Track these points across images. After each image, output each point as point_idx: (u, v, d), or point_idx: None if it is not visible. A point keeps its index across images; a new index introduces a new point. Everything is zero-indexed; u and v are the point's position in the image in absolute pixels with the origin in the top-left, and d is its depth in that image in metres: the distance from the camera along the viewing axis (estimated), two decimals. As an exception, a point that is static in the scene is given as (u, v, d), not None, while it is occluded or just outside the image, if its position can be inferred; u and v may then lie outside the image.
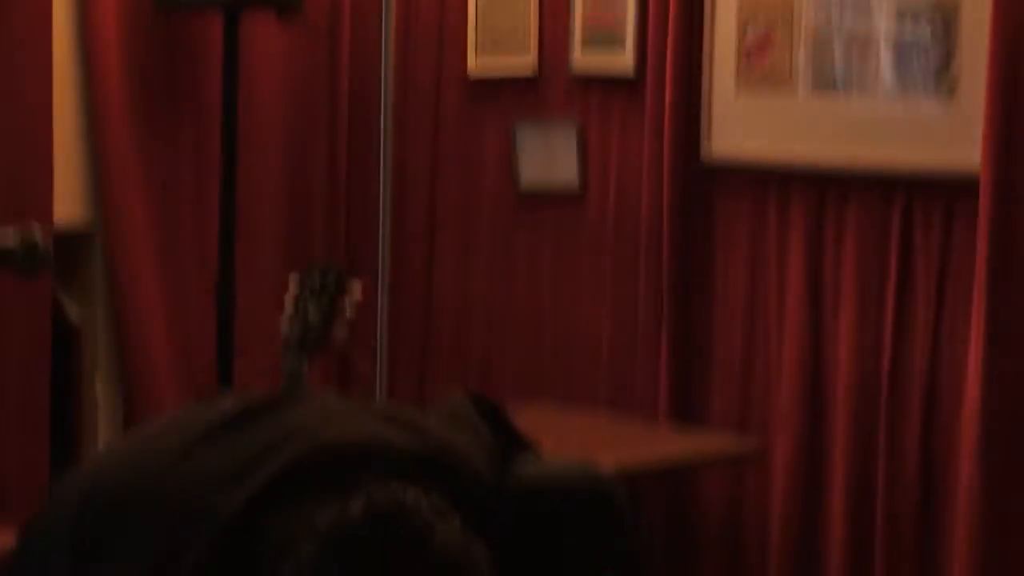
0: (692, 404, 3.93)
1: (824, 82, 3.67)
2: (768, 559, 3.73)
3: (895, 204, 3.57)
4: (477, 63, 4.32)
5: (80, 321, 4.50)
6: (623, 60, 4.00)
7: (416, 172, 4.48)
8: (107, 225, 4.34)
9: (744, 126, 3.81)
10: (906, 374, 3.55)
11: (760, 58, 3.75)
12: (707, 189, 3.89)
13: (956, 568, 3.41)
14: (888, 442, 3.56)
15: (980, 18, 3.38)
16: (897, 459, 3.54)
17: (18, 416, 4.49)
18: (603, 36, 4.04)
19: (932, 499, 3.51)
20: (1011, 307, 3.37)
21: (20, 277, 2.13)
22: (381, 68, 4.29)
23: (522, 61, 4.22)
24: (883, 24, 3.57)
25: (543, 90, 4.22)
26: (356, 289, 2.87)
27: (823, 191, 3.68)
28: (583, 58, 4.09)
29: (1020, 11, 3.32)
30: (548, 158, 4.22)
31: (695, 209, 3.90)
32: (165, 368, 4.49)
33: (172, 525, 1.82)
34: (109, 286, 4.45)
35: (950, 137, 3.47)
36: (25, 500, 4.18)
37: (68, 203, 4.32)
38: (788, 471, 3.68)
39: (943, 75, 3.48)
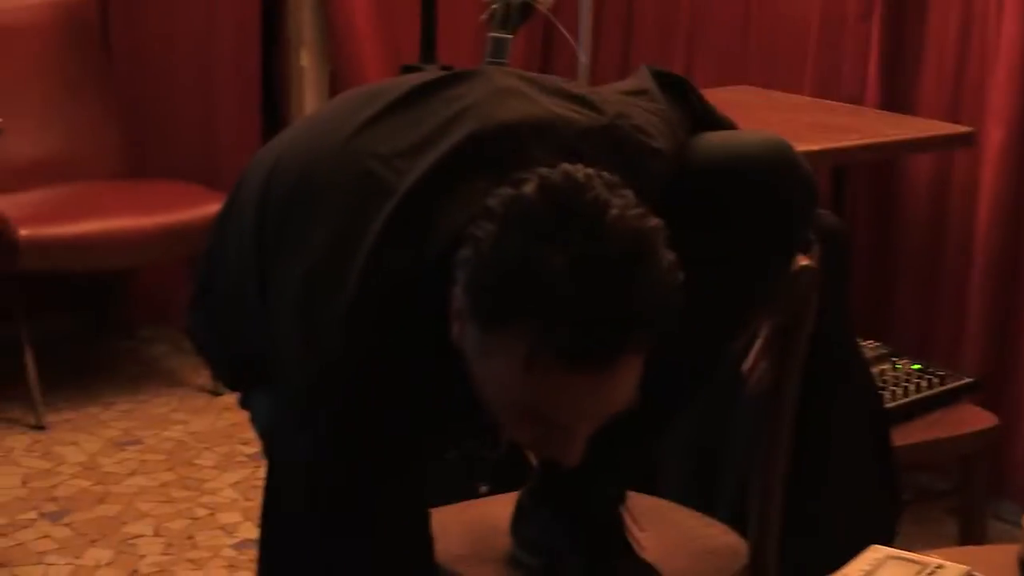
0: (901, 94, 3.87)
1: None
2: (973, 248, 3.68)
3: None
4: None
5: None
6: None
7: None
8: None
9: None
10: None
11: None
12: None
13: None
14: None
15: None
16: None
17: (229, 81, 4.58)
18: None
19: None
20: None
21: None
22: None
23: None
24: None
25: None
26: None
27: None
28: None
29: None
30: None
31: None
32: (369, 39, 4.54)
33: (350, 202, 1.85)
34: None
35: None
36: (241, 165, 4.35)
37: None
38: (999, 161, 3.59)
39: None
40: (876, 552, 1.91)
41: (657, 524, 2.29)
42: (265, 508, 1.96)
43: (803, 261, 2.18)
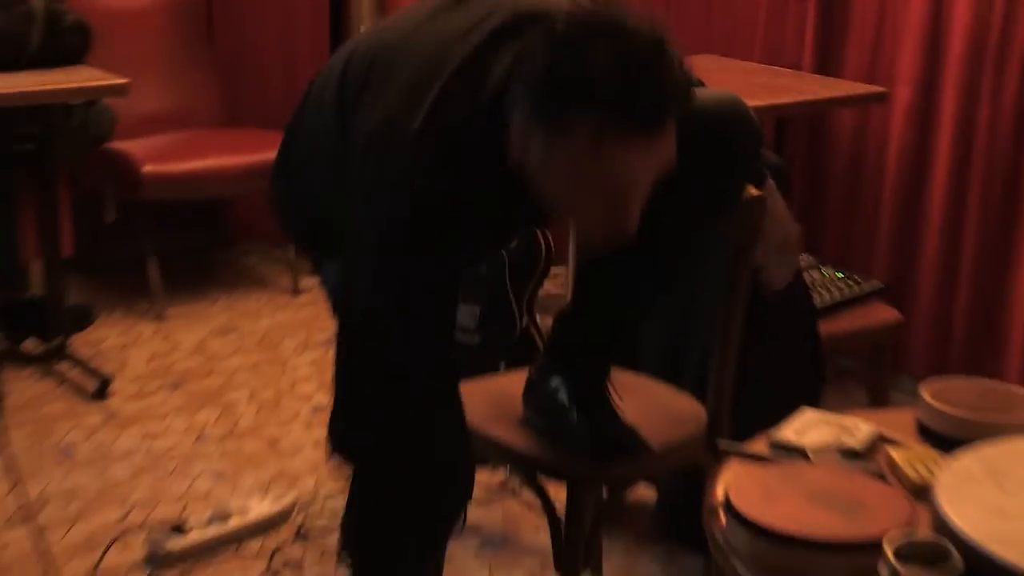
0: (831, 61, 3.84)
1: None
2: (884, 183, 3.68)
3: None
4: None
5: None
6: None
7: None
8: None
9: None
10: (1011, 37, 3.36)
11: None
12: None
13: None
14: (991, 91, 3.42)
15: None
16: (997, 105, 3.41)
17: (306, 48, 4.57)
18: None
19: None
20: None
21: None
22: None
23: None
24: None
25: None
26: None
27: None
28: None
29: None
30: None
31: None
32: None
33: (420, 65, 1.84)
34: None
35: None
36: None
37: None
38: (905, 115, 3.58)
39: None
40: (806, 413, 1.93)
41: (637, 394, 2.30)
42: (337, 357, 1.95)
43: (753, 192, 2.18)
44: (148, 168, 4.00)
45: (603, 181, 1.72)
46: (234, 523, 2.85)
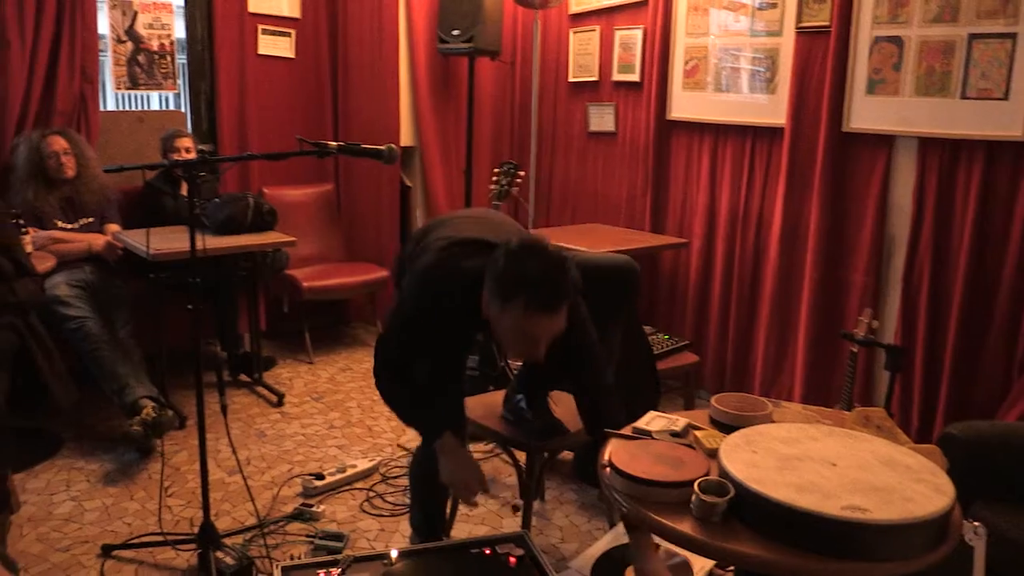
0: (660, 224, 3.82)
1: (719, 87, 3.46)
2: (688, 290, 3.67)
3: (747, 140, 3.39)
4: (572, 76, 4.13)
5: (411, 184, 4.51)
6: (636, 76, 3.81)
7: (543, 119, 4.32)
8: (421, 145, 4.30)
9: (687, 104, 3.61)
10: (750, 213, 3.41)
11: (692, 75, 3.55)
12: (670, 132, 3.71)
13: (764, 301, 3.34)
14: (741, 244, 3.45)
15: (788, 60, 3.17)
16: (743, 253, 3.44)
17: (387, 226, 4.55)
18: (627, 66, 3.85)
19: (759, 273, 3.42)
20: (796, 190, 3.22)
21: (386, 163, 2.13)
22: (532, 81, 4.14)
23: (592, 75, 4.03)
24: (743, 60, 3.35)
25: (601, 89, 4.04)
26: (521, 174, 2.81)
27: (719, 133, 3.50)
28: (617, 75, 3.90)
29: (806, 57, 3.10)
30: (600, 118, 4.05)
31: (662, 141, 3.74)
32: (442, 205, 4.50)
33: (449, 235, 1.80)
34: (422, 170, 4.44)
35: (773, 110, 3.27)
36: (390, 252, 4.31)
37: (405, 134, 4.30)
38: (698, 254, 3.60)
39: (770, 83, 3.27)
40: (651, 413, 1.91)
41: (562, 401, 2.28)
42: (376, 353, 1.86)
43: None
44: (306, 284, 3.96)
45: (525, 333, 1.67)
46: (348, 472, 2.81)
